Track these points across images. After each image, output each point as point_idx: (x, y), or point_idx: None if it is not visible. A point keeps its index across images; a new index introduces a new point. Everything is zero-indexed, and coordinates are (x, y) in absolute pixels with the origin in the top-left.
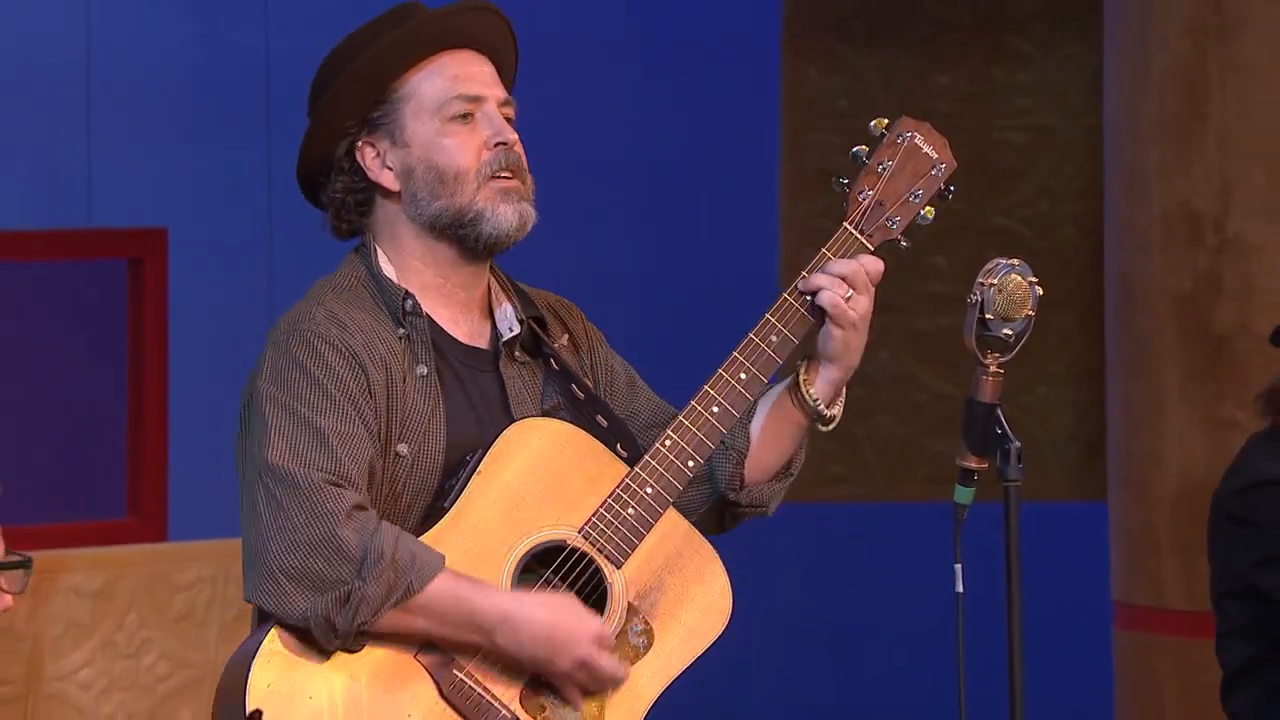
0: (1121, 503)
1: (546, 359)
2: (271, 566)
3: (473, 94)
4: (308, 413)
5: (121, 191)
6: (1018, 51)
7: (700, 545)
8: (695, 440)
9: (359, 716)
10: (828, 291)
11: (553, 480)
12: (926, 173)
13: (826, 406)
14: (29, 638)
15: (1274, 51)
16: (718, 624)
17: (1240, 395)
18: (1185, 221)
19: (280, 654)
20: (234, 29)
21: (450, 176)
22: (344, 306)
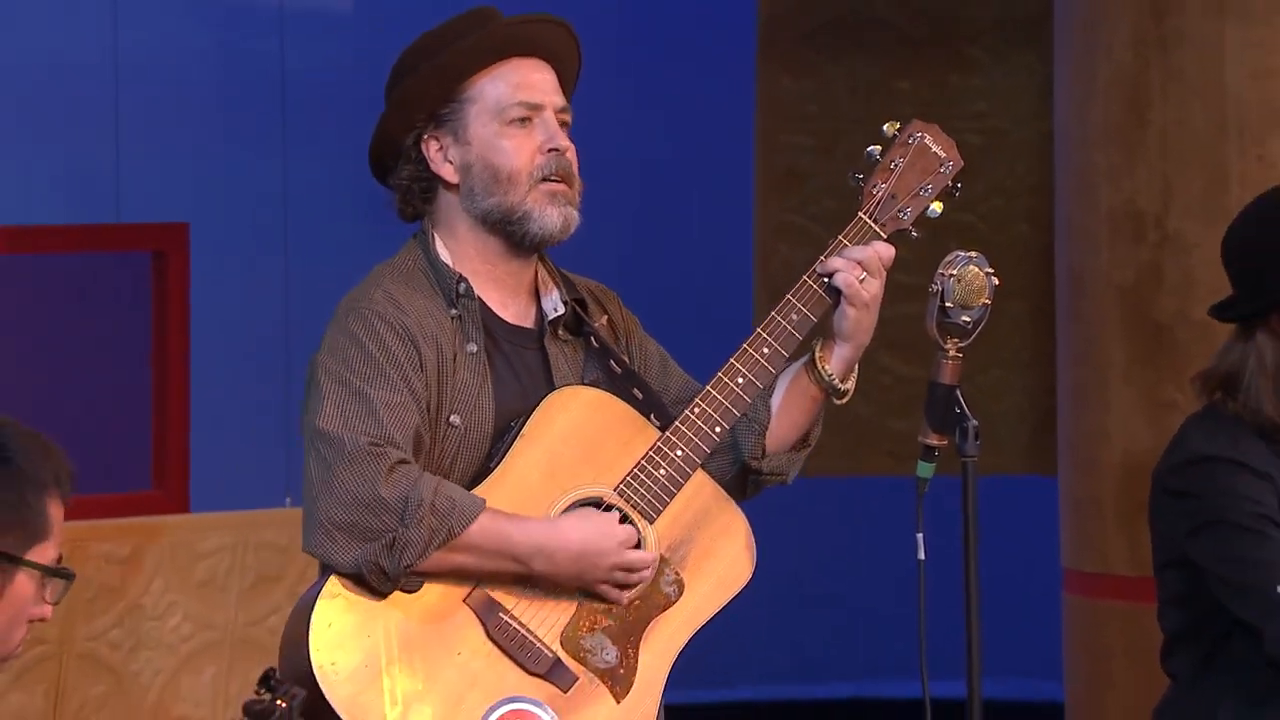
0: (1070, 477)
1: (587, 337)
2: (323, 521)
3: (533, 101)
4: (359, 383)
5: (146, 190)
6: (973, 60)
7: (726, 503)
8: (722, 408)
9: (411, 654)
10: (843, 274)
11: (590, 443)
12: (935, 170)
13: (840, 381)
14: (62, 601)
15: (1210, 63)
16: (743, 575)
17: (1179, 379)
18: (1129, 219)
19: (340, 597)
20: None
21: (504, 176)
22: (401, 288)
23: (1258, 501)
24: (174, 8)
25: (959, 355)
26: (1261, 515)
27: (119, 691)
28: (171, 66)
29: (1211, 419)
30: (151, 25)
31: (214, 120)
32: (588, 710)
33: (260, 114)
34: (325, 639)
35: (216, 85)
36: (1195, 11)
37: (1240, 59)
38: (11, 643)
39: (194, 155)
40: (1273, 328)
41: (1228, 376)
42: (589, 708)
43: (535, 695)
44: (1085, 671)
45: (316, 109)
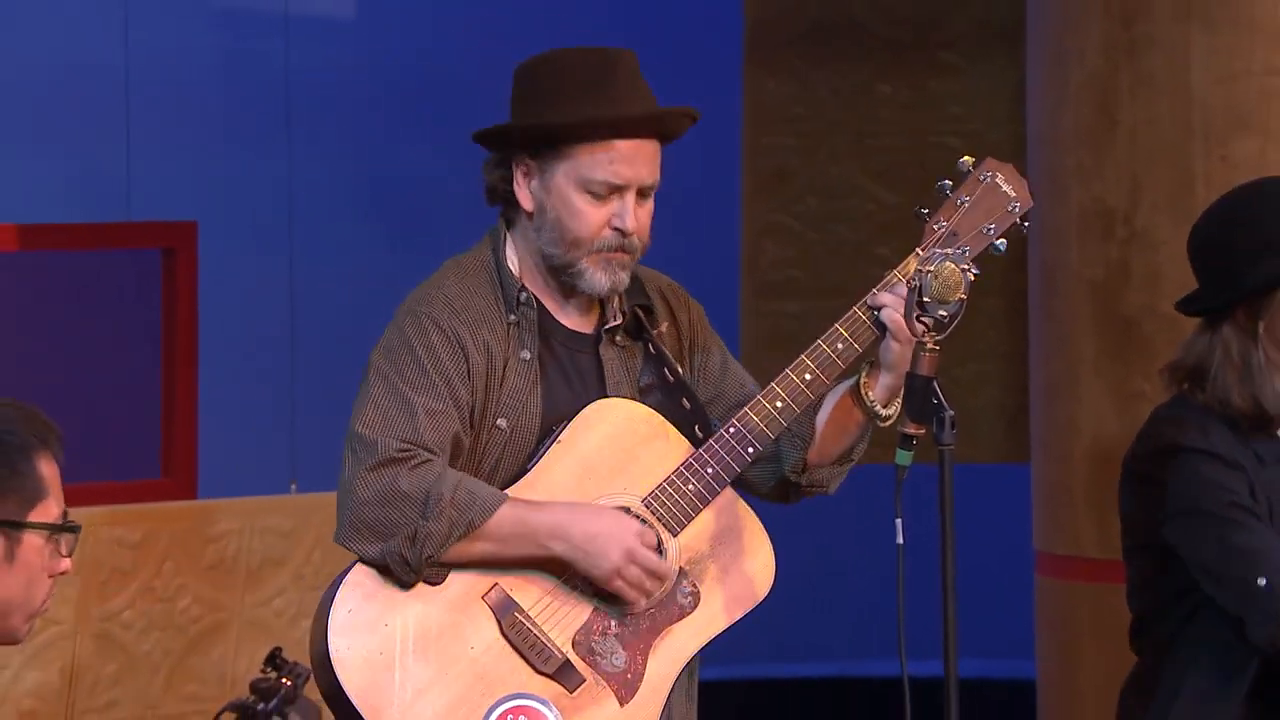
0: (1042, 464)
1: (646, 344)
2: (351, 518)
3: (617, 184)
4: (405, 387)
5: (156, 188)
6: (951, 65)
7: (751, 522)
8: (757, 430)
9: (426, 645)
10: (890, 310)
11: (625, 454)
12: (1002, 209)
13: (883, 407)
14: (77, 583)
15: (1177, 66)
16: (759, 594)
17: (1147, 370)
18: (1099, 217)
19: (362, 586)
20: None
21: (570, 239)
22: (463, 290)
23: (1232, 490)
24: (182, 14)
25: (936, 348)
26: (1236, 504)
27: (131, 670)
28: (180, 70)
29: (1180, 408)
30: (160, 31)
31: (221, 121)
32: (591, 711)
33: (265, 115)
34: (343, 624)
35: (223, 88)
36: (1163, 18)
37: (1205, 64)
38: (35, 601)
39: (202, 155)
40: (1238, 321)
41: (1195, 368)
42: (592, 709)
43: (541, 694)
44: (1056, 650)
45: (319, 110)
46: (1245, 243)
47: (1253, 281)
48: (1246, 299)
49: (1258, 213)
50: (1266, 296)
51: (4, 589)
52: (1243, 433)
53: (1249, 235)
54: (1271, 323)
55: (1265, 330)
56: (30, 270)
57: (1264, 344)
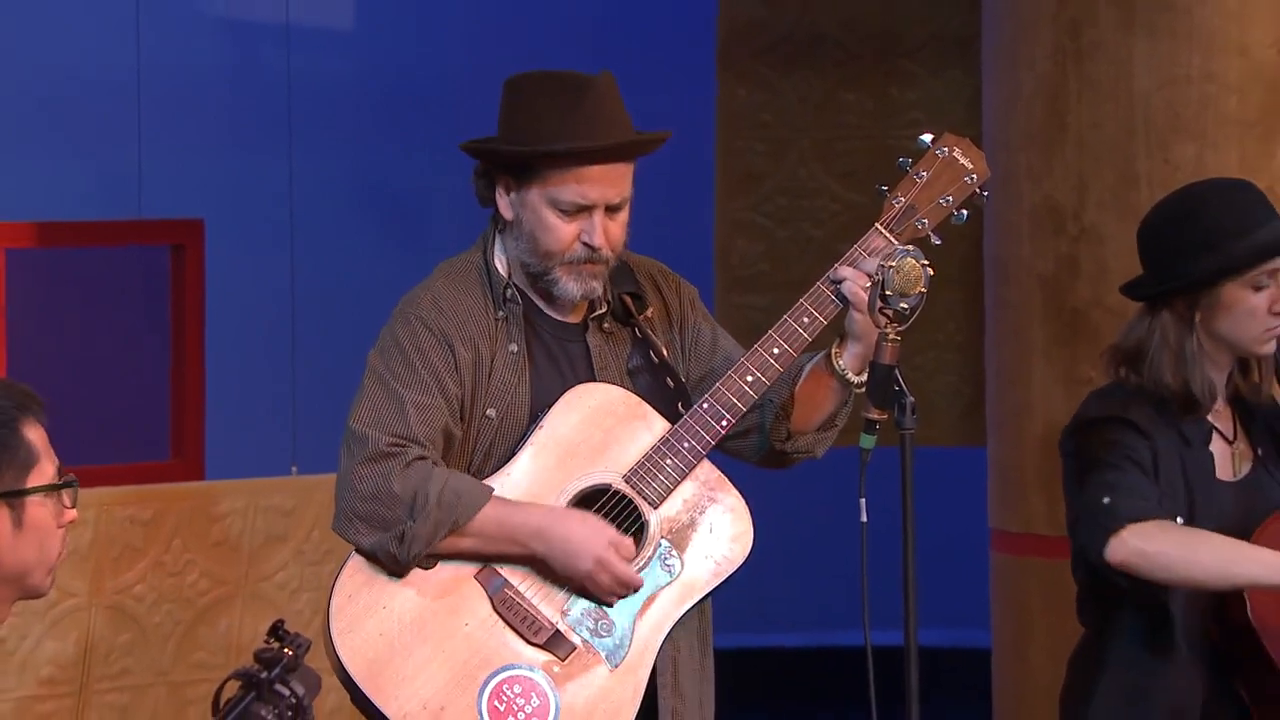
0: (997, 447)
1: (633, 329)
2: (346, 509)
3: (585, 204)
4: (395, 384)
5: (166, 188)
6: (910, 74)
7: (728, 491)
8: (729, 404)
9: (424, 624)
10: (850, 283)
11: (604, 433)
12: (960, 181)
13: (854, 374)
14: (92, 558)
15: (1122, 72)
16: (738, 558)
17: (1094, 358)
18: (1049, 214)
19: (362, 572)
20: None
21: (542, 251)
22: (451, 290)
23: (1128, 446)
24: (190, 26)
25: (898, 339)
26: (1127, 457)
27: (143, 640)
28: (188, 78)
29: (1111, 390)
30: (170, 41)
31: (226, 126)
32: (583, 677)
33: (268, 120)
34: (345, 610)
35: (228, 94)
36: (1108, 27)
37: (1148, 71)
38: (52, 556)
39: (208, 157)
40: (1176, 310)
41: (1133, 350)
42: (584, 675)
43: (534, 663)
44: (1009, 621)
45: (319, 115)
46: (1189, 238)
47: (1193, 274)
48: (1186, 290)
49: (1203, 211)
50: (1205, 290)
51: (20, 554)
52: (1171, 414)
53: (1193, 231)
54: (1207, 314)
55: (1201, 321)
56: (47, 265)
57: (1199, 333)
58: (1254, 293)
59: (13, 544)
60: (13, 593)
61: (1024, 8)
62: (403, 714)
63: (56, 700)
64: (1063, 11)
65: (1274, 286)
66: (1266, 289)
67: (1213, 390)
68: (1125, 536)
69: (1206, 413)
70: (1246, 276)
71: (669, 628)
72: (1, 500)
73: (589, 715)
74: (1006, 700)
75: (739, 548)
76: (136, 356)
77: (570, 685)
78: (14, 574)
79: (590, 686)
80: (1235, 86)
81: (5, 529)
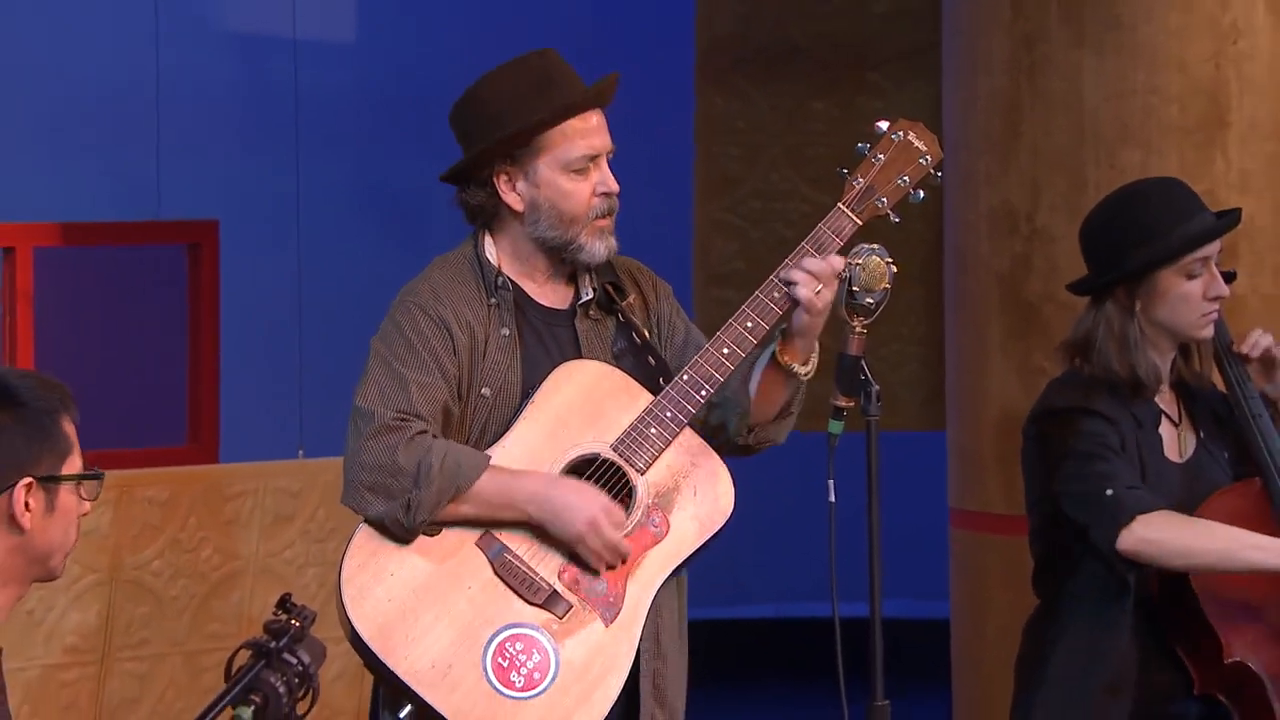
0: (956, 431)
1: (617, 314)
2: (355, 482)
3: (595, 153)
4: (397, 365)
5: (183, 191)
6: (876, 85)
7: (709, 457)
8: (706, 373)
9: (429, 588)
10: (802, 286)
11: (593, 406)
12: (915, 161)
13: (800, 366)
14: (113, 536)
15: (1072, 84)
16: (720, 518)
17: (1046, 349)
18: (1004, 216)
19: (370, 542)
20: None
21: (568, 218)
22: (446, 279)
23: (1104, 436)
24: (205, 40)
25: (864, 331)
26: (1105, 445)
27: (160, 612)
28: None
29: (1069, 379)
30: (186, 55)
31: (239, 133)
32: (580, 634)
33: (277, 128)
34: (355, 578)
35: (240, 104)
36: (1060, 44)
37: (1096, 84)
38: (70, 542)
39: (222, 162)
40: (1119, 300)
41: (1083, 341)
42: (581, 631)
43: (533, 622)
44: (968, 594)
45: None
46: (1127, 232)
47: (1132, 265)
48: (1125, 280)
49: (1138, 207)
50: (1144, 280)
51: (48, 535)
52: (1124, 398)
53: (1130, 226)
54: (1146, 302)
55: (1142, 309)
56: (72, 263)
57: (1140, 320)
58: (1188, 280)
59: (44, 525)
60: (35, 572)
61: (981, 25)
62: (413, 673)
63: (80, 668)
64: (1017, 29)
65: (1207, 274)
66: (1200, 276)
67: (1157, 374)
68: (1134, 528)
69: (1153, 395)
70: (1180, 265)
71: (658, 586)
72: (39, 484)
73: (587, 669)
74: (964, 667)
75: (722, 508)
76: (155, 348)
77: (569, 641)
78: (41, 554)
79: (587, 642)
80: (1176, 98)
81: (39, 510)
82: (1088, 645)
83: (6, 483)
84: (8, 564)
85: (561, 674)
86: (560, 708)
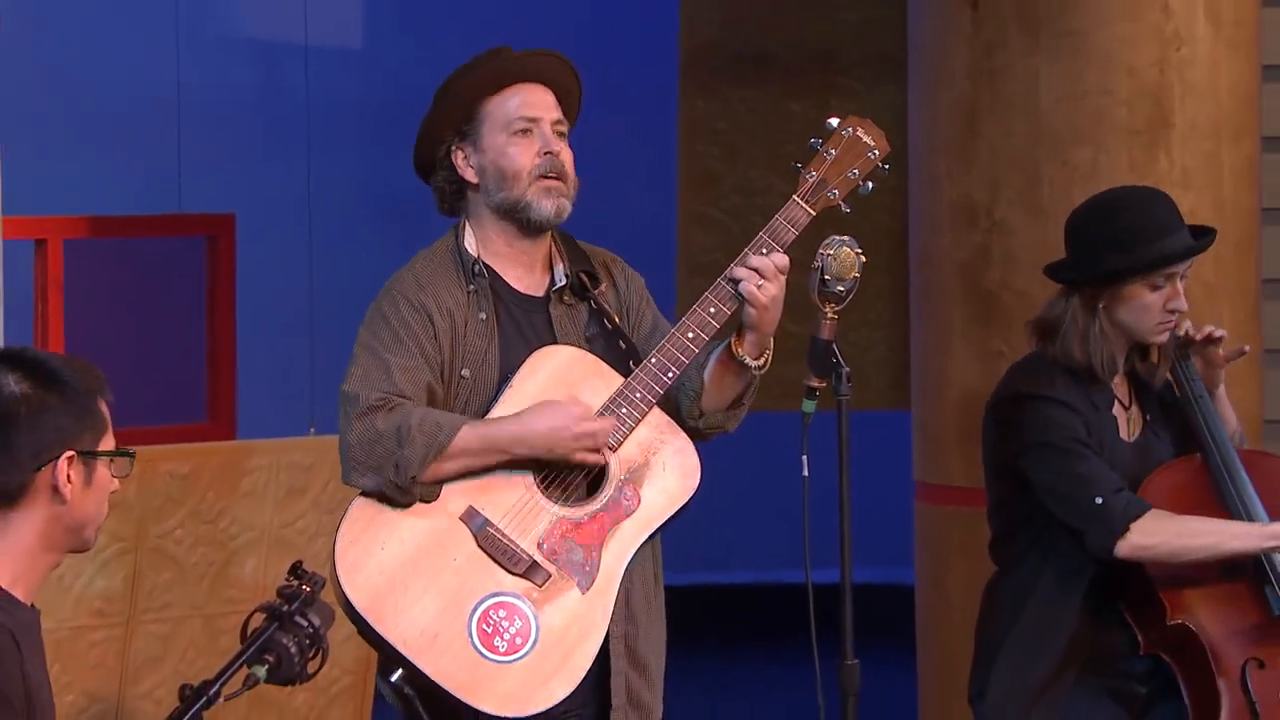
0: (920, 411)
1: (589, 301)
2: (348, 461)
3: (532, 115)
4: (382, 351)
5: (202, 187)
6: (847, 88)
7: (677, 434)
8: (673, 356)
9: (417, 561)
10: (745, 283)
11: (566, 389)
12: (864, 155)
13: (753, 359)
14: (137, 507)
15: (1029, 90)
16: (687, 491)
17: (1005, 334)
18: (965, 210)
19: (362, 516)
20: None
21: (510, 175)
22: (428, 269)
23: (1072, 429)
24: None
25: (835, 317)
26: (1076, 439)
27: (181, 579)
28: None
29: (1033, 363)
30: (205, 61)
31: (254, 134)
32: (558, 600)
33: (289, 129)
34: (348, 553)
35: (255, 106)
36: (1017, 51)
37: (1050, 87)
38: (102, 515)
39: (238, 161)
40: (1085, 296)
41: (1050, 324)
42: (559, 599)
43: (515, 590)
44: (931, 561)
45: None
46: (1107, 235)
47: (1104, 269)
48: (1096, 281)
49: (1122, 213)
50: (1108, 284)
51: (85, 507)
52: (1083, 383)
53: (1111, 230)
54: (1110, 304)
55: (1104, 309)
56: (99, 254)
57: (1102, 318)
58: (1151, 291)
59: (81, 497)
60: (71, 542)
61: (945, 33)
62: (403, 640)
63: (107, 629)
64: (977, 36)
65: (1170, 287)
66: (1163, 289)
67: (1113, 366)
68: (1130, 537)
69: (1108, 382)
70: (1148, 278)
71: (631, 555)
72: (80, 458)
73: (565, 634)
74: (928, 629)
75: (689, 482)
76: (176, 333)
77: (548, 608)
78: (77, 524)
79: (565, 609)
80: (1124, 100)
81: (79, 483)
82: (1043, 609)
83: (52, 455)
84: (47, 532)
85: (542, 639)
86: (541, 670)
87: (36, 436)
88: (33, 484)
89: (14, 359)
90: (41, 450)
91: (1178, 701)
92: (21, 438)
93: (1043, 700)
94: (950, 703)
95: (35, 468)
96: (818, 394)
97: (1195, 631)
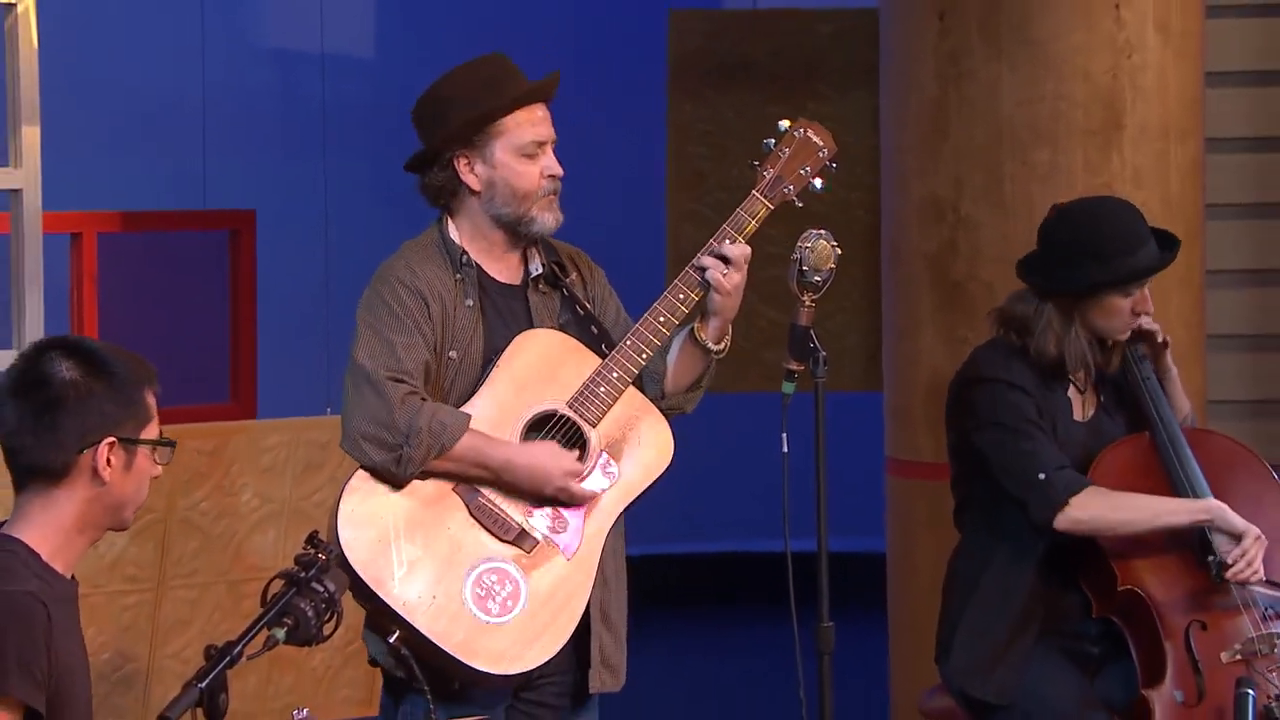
0: (892, 391)
1: (562, 289)
2: (352, 431)
3: (542, 140)
4: (384, 330)
5: (225, 185)
6: (824, 93)
7: (651, 410)
8: (646, 339)
9: (413, 529)
10: (711, 271)
11: (549, 370)
12: (814, 155)
13: (714, 344)
14: (166, 481)
15: (991, 94)
16: (663, 462)
17: (970, 322)
18: (932, 206)
19: (362, 488)
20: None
21: (520, 195)
22: (418, 259)
23: (1023, 409)
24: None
25: (813, 305)
26: (1026, 419)
27: (207, 547)
28: (243, 97)
29: (993, 348)
30: (229, 68)
31: (274, 135)
32: (545, 566)
33: (307, 130)
34: (349, 520)
35: (275, 109)
36: (980, 58)
37: (1011, 92)
38: (141, 498)
39: (259, 161)
40: (1061, 304)
41: (1020, 321)
42: (546, 564)
43: (505, 557)
44: (901, 531)
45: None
46: (1076, 246)
47: (1078, 283)
48: (1072, 291)
49: (1096, 225)
50: (1085, 294)
51: (124, 489)
52: (1047, 374)
53: (1086, 240)
54: (1084, 309)
55: (1079, 315)
56: (130, 247)
57: (1077, 324)
58: (1124, 297)
59: (121, 480)
60: (109, 521)
61: (914, 42)
62: (402, 602)
63: (139, 594)
64: (944, 45)
65: (1140, 293)
66: (1133, 295)
67: (1084, 361)
68: (1069, 511)
69: (1071, 373)
70: (1122, 287)
71: (612, 522)
72: (121, 444)
73: (551, 597)
74: (898, 594)
75: (663, 454)
76: (201, 320)
77: (535, 573)
78: (115, 505)
79: (551, 574)
80: (1080, 104)
81: (119, 466)
82: (1003, 575)
83: (94, 439)
84: (87, 511)
85: (529, 601)
86: (530, 630)
87: (81, 420)
88: (76, 465)
89: (69, 347)
90: (85, 434)
91: (1128, 660)
92: (68, 420)
93: (1004, 660)
94: (918, 663)
95: (79, 450)
96: (796, 376)
97: (1143, 597)
